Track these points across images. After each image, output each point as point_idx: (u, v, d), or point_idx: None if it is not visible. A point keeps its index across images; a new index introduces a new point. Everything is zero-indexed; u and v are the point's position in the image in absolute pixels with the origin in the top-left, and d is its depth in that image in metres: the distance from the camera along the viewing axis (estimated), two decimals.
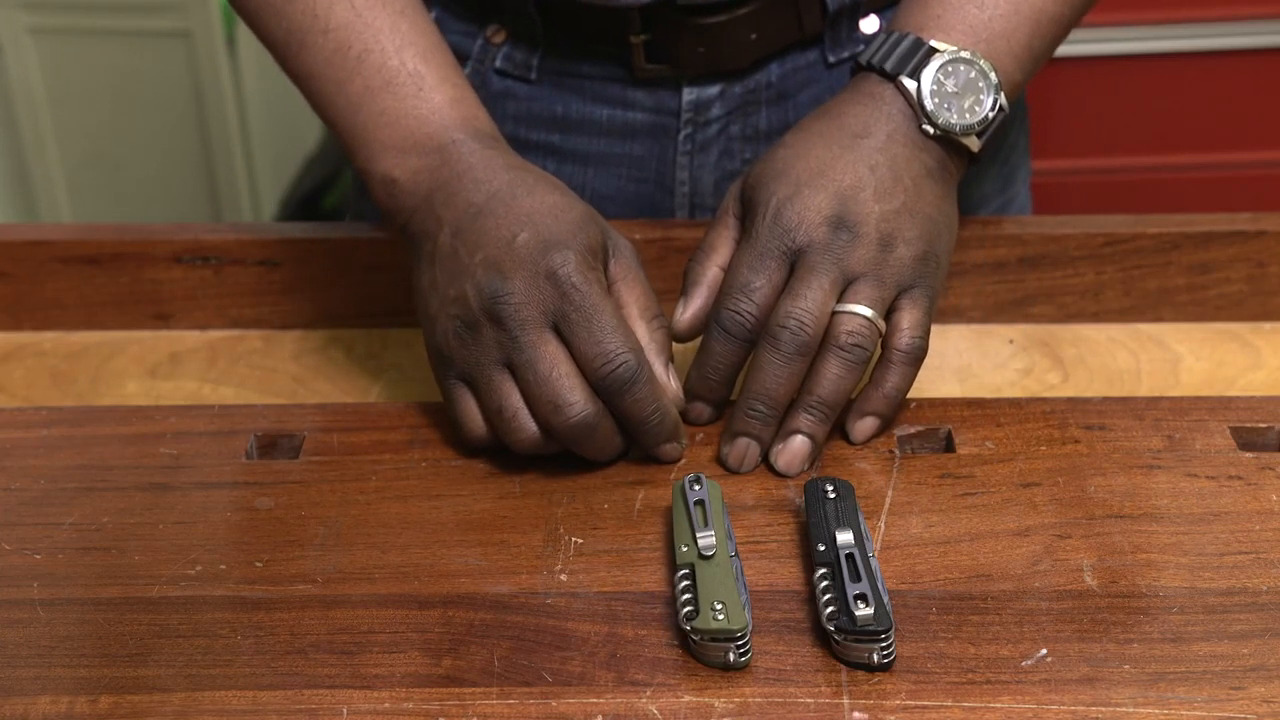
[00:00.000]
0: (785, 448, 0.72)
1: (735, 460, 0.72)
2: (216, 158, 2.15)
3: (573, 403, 0.69)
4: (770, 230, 0.72)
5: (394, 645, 0.61)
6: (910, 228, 0.73)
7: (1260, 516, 0.67)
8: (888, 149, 0.75)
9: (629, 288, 0.74)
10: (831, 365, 0.71)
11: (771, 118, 0.94)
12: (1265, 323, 0.89)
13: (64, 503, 0.71)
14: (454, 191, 0.74)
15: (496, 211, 0.72)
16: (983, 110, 0.77)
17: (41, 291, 0.91)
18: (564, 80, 0.93)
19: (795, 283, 0.72)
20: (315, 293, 0.91)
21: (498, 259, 0.71)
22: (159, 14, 2.06)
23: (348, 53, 0.78)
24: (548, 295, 0.70)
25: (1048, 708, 0.58)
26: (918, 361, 0.73)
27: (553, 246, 0.70)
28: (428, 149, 0.76)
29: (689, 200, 0.96)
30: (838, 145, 0.75)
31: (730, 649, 0.59)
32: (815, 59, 0.93)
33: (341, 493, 0.71)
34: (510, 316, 0.70)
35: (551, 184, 0.75)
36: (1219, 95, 1.85)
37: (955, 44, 0.77)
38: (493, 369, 0.71)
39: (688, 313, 0.75)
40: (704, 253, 0.76)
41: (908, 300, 0.73)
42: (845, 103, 0.78)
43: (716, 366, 0.73)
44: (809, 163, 0.74)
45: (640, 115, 0.93)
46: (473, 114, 0.78)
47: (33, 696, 0.59)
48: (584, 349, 0.69)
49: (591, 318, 0.69)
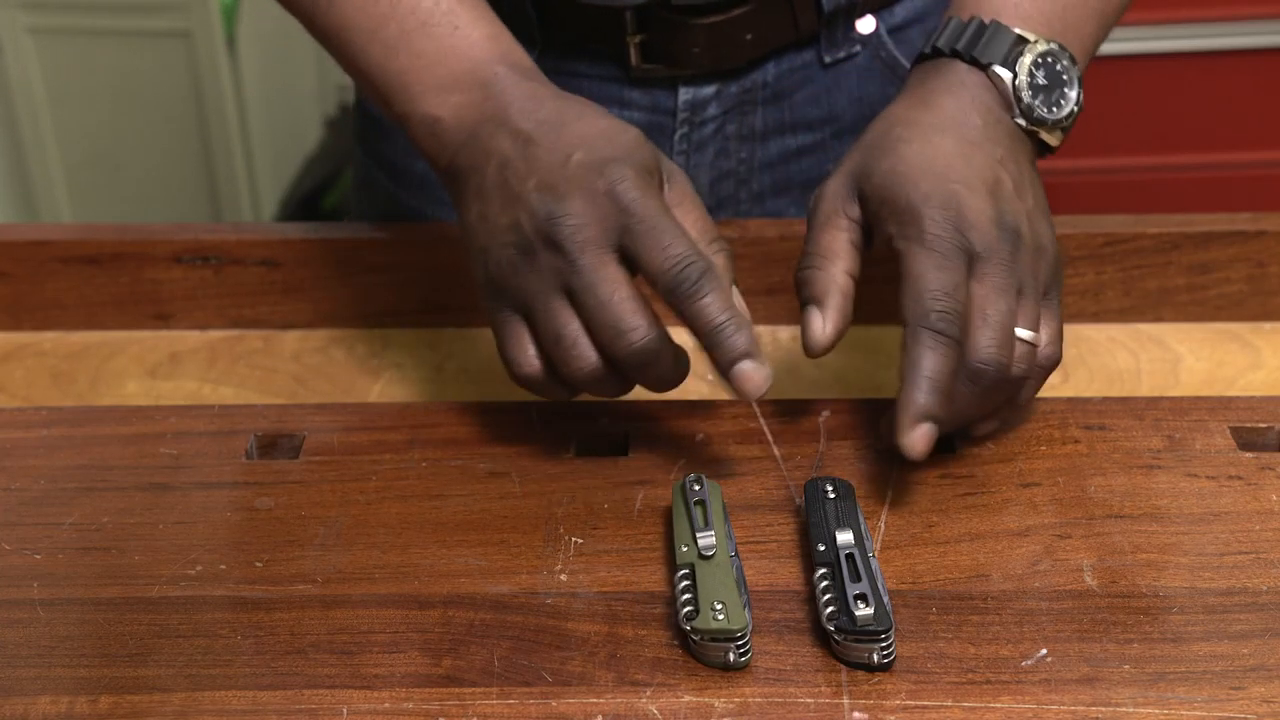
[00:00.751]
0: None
1: (922, 448, 0.66)
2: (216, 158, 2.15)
3: (636, 325, 0.66)
4: (945, 230, 0.68)
5: (394, 645, 0.61)
6: (1045, 228, 0.72)
7: (1260, 516, 0.67)
8: (1000, 141, 0.72)
9: (685, 212, 0.71)
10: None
11: (768, 117, 0.94)
12: (1265, 323, 0.89)
13: (64, 503, 0.71)
14: (501, 123, 0.72)
15: (547, 138, 0.70)
16: (1068, 104, 0.75)
17: (41, 291, 0.91)
18: (560, 79, 0.93)
19: (985, 303, 0.68)
20: (315, 293, 0.91)
21: (552, 182, 0.68)
22: (159, 14, 2.06)
23: (378, 2, 0.76)
24: (608, 213, 0.67)
25: (1048, 708, 0.58)
26: (1051, 372, 0.72)
27: (609, 164, 0.68)
28: (470, 85, 0.74)
29: None
30: (960, 139, 0.71)
31: (730, 649, 0.59)
32: (811, 59, 0.93)
33: (341, 493, 0.71)
34: (568, 239, 0.67)
35: (600, 110, 0.73)
36: (1219, 95, 1.85)
37: (1036, 33, 0.75)
38: (551, 296, 0.68)
39: (829, 325, 0.70)
40: (824, 259, 0.71)
41: (1047, 310, 0.71)
42: (936, 92, 0.74)
43: (939, 377, 0.66)
44: (945, 159, 0.70)
45: (636, 114, 0.93)
46: (510, 49, 0.76)
47: (33, 696, 0.59)
48: (651, 256, 0.67)
49: (656, 225, 0.67)
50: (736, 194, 0.97)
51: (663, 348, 0.68)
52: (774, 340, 0.89)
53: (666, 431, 0.75)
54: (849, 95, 0.95)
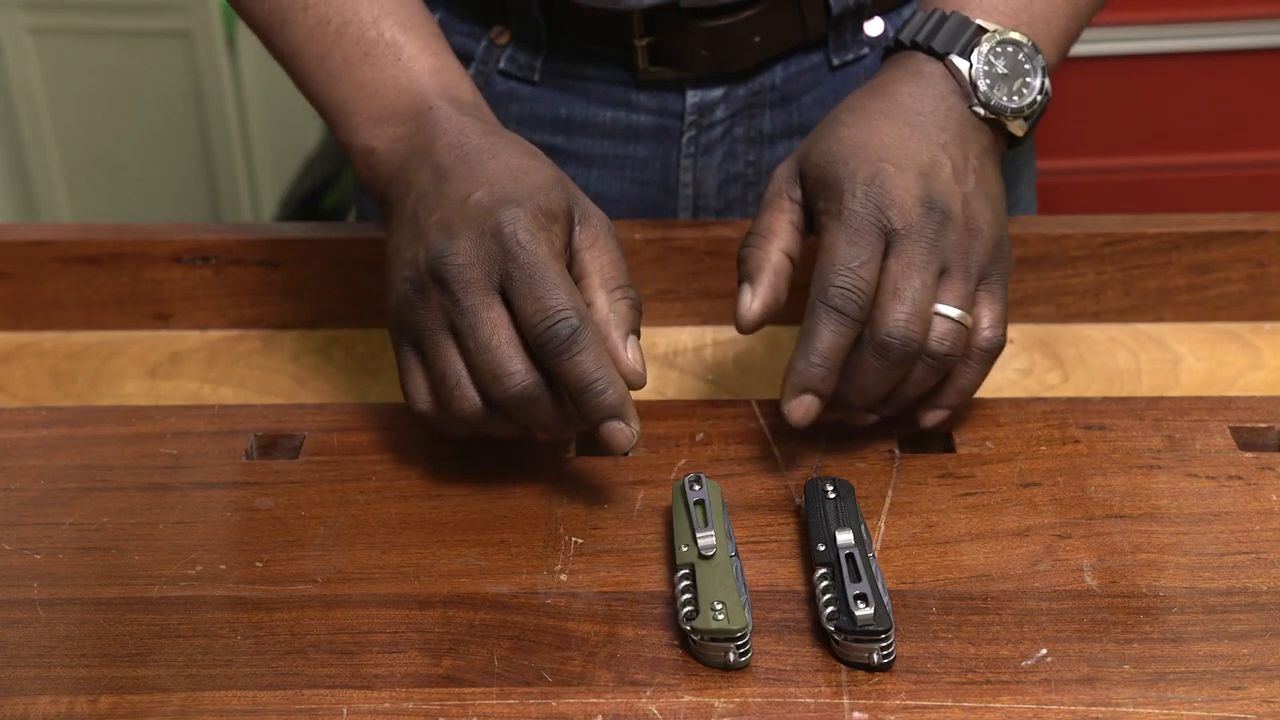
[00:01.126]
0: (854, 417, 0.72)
1: (800, 416, 0.69)
2: (216, 158, 2.15)
3: (512, 372, 0.65)
4: (864, 206, 0.69)
5: (394, 645, 0.61)
6: (986, 211, 0.71)
7: (1260, 516, 0.67)
8: (948, 128, 0.73)
9: (594, 255, 0.70)
10: (920, 370, 0.70)
11: (775, 120, 0.94)
12: (1265, 323, 0.89)
13: (64, 503, 0.71)
14: (425, 157, 0.72)
15: (459, 174, 0.70)
16: (1031, 93, 0.75)
17: (41, 291, 0.91)
18: (567, 82, 0.93)
19: (898, 278, 0.68)
20: (315, 293, 0.91)
21: (449, 220, 0.68)
22: (159, 14, 2.06)
23: (327, 27, 0.76)
24: (493, 254, 0.66)
25: (1048, 708, 0.58)
26: (995, 357, 0.72)
27: (503, 205, 0.67)
28: (405, 117, 0.74)
29: (692, 202, 0.96)
30: (903, 123, 0.72)
31: (730, 649, 0.59)
32: (819, 61, 0.93)
33: (341, 493, 0.71)
34: (454, 278, 0.66)
35: (523, 149, 0.72)
36: (1219, 95, 1.85)
37: (999, 24, 0.75)
38: (438, 334, 0.67)
39: (757, 301, 0.71)
40: (762, 238, 0.73)
41: (986, 293, 0.71)
42: (893, 81, 0.75)
43: (829, 352, 0.68)
44: (881, 140, 0.71)
45: (644, 117, 0.93)
46: (453, 82, 0.76)
47: (33, 696, 0.59)
48: (523, 306, 0.66)
49: (532, 274, 0.65)
50: (744, 196, 0.97)
51: (540, 394, 0.66)
52: (774, 340, 0.89)
53: (666, 431, 0.75)
54: None
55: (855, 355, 0.69)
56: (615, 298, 0.70)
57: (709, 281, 0.90)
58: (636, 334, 0.70)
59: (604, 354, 0.66)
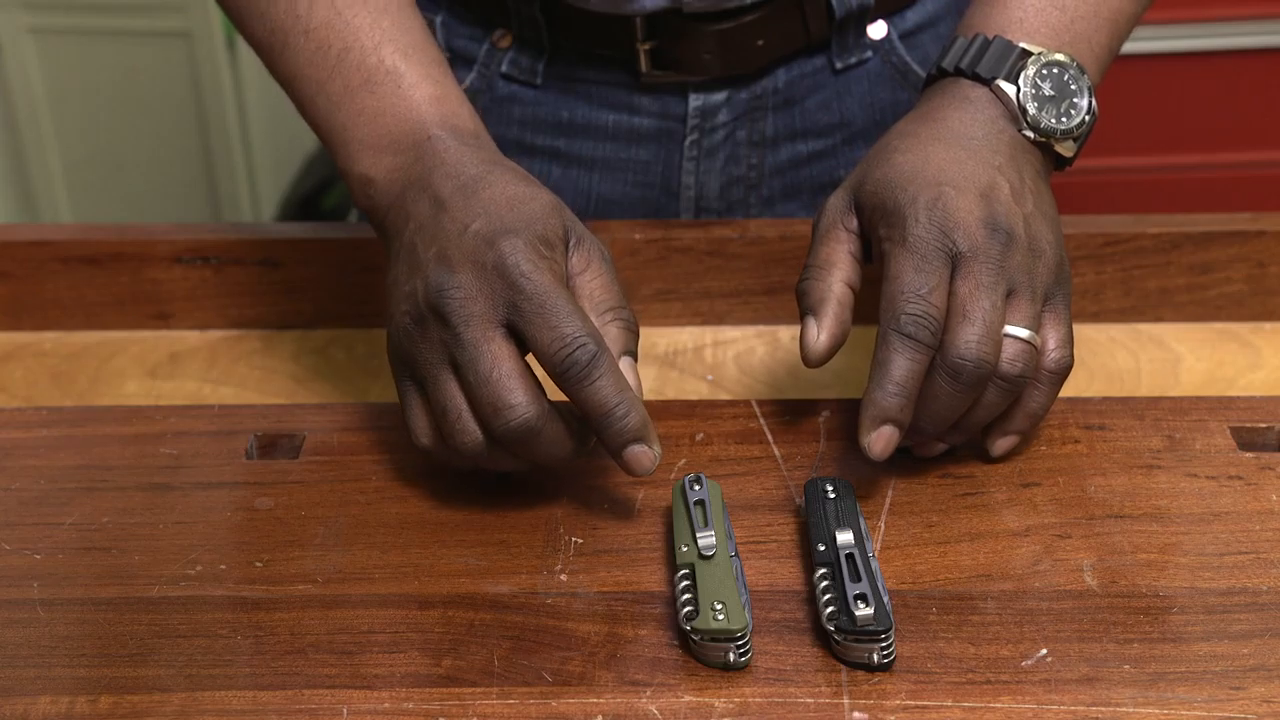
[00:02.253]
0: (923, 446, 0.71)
1: (880, 449, 0.67)
2: (216, 158, 2.15)
3: (513, 404, 0.65)
4: (928, 231, 0.67)
5: (394, 645, 0.61)
6: (1047, 232, 0.70)
7: (1260, 516, 0.67)
8: (1000, 150, 0.72)
9: (587, 280, 0.69)
10: (992, 393, 0.68)
11: (778, 123, 0.94)
12: (1265, 323, 0.89)
13: (64, 503, 0.71)
14: (424, 188, 0.71)
15: (456, 204, 0.69)
16: (1079, 114, 0.74)
17: (41, 291, 0.91)
18: (570, 85, 0.93)
19: (967, 300, 0.67)
20: (315, 293, 0.91)
21: (447, 252, 0.67)
22: (159, 14, 2.06)
23: (328, 52, 0.75)
24: (496, 287, 0.66)
25: (1048, 708, 0.58)
26: (1064, 378, 0.71)
27: (502, 236, 0.66)
28: (404, 146, 0.73)
29: (694, 205, 0.96)
30: (957, 147, 0.71)
31: (730, 649, 0.59)
32: (823, 65, 0.93)
33: (341, 493, 0.71)
34: (454, 312, 0.66)
35: (518, 176, 0.71)
36: (1219, 95, 1.85)
37: (1042, 46, 0.74)
38: (439, 368, 0.67)
39: (824, 334, 0.70)
40: (821, 269, 0.71)
41: (1051, 314, 0.70)
42: (940, 108, 0.74)
43: (906, 380, 0.66)
44: (937, 164, 0.70)
45: (646, 121, 0.93)
46: (453, 111, 0.75)
47: (33, 696, 0.59)
48: (539, 336, 0.65)
49: (544, 303, 0.65)
50: (746, 199, 0.97)
51: (544, 426, 0.65)
52: (774, 340, 0.89)
53: (666, 431, 0.75)
54: (860, 101, 0.95)
55: (927, 381, 0.67)
56: (606, 320, 0.69)
57: (709, 281, 0.90)
58: (633, 355, 0.69)
59: (622, 378, 0.66)
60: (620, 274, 0.88)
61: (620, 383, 0.66)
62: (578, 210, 0.97)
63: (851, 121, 0.95)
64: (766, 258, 0.89)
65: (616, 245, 0.88)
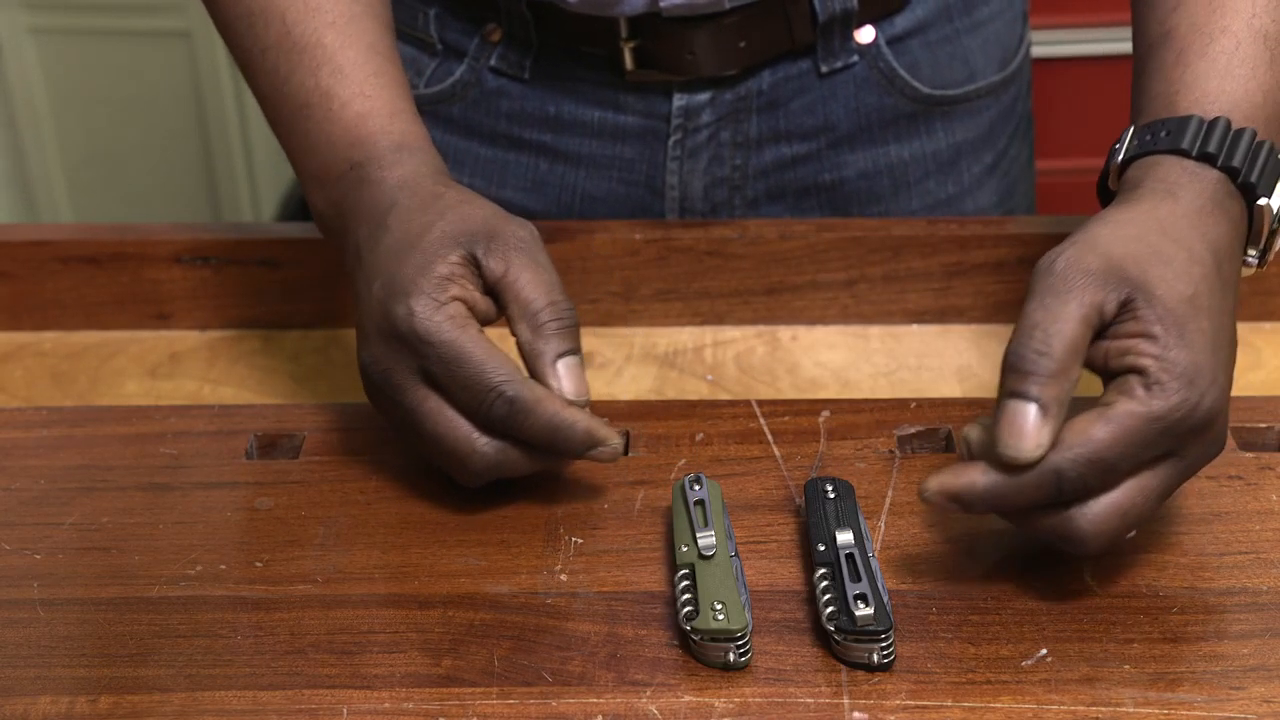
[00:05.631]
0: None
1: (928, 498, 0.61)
2: (216, 158, 2.15)
3: (469, 453, 0.66)
4: (1176, 426, 0.59)
5: (394, 645, 0.61)
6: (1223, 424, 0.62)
7: (1260, 516, 0.67)
8: (1234, 293, 0.63)
9: (509, 283, 0.68)
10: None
11: (762, 125, 0.94)
12: (1265, 323, 0.89)
13: (64, 503, 0.71)
14: (346, 233, 0.72)
15: (367, 255, 0.69)
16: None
17: (41, 291, 0.91)
18: (556, 81, 0.93)
19: (1131, 502, 0.60)
20: (315, 293, 0.91)
21: (362, 322, 0.69)
22: (159, 14, 2.06)
23: (277, 75, 0.76)
24: (404, 353, 0.66)
25: (1048, 708, 0.58)
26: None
27: (395, 299, 0.66)
28: (330, 179, 0.74)
29: (679, 204, 0.96)
30: (1214, 280, 0.62)
31: (730, 649, 0.59)
32: (808, 68, 0.93)
33: (341, 493, 0.71)
34: (384, 384, 0.68)
35: (421, 200, 0.70)
36: None
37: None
38: (399, 426, 0.69)
39: (1047, 432, 0.59)
40: (1066, 365, 0.59)
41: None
42: (1204, 213, 0.64)
43: (1010, 498, 0.60)
44: (1197, 304, 0.60)
45: (631, 119, 0.93)
46: (380, 128, 0.73)
47: (33, 696, 0.59)
48: (456, 396, 0.66)
49: (448, 363, 0.65)
50: (730, 200, 0.97)
51: (504, 457, 0.67)
52: (774, 340, 0.89)
53: (666, 431, 0.75)
54: (845, 105, 0.94)
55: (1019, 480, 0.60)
56: (540, 322, 0.67)
57: (709, 281, 0.90)
58: (574, 353, 0.68)
59: (552, 399, 0.66)
60: (620, 274, 0.89)
61: (551, 407, 0.65)
62: (563, 206, 0.97)
63: (836, 126, 0.95)
64: (766, 258, 0.89)
65: (616, 245, 0.88)
